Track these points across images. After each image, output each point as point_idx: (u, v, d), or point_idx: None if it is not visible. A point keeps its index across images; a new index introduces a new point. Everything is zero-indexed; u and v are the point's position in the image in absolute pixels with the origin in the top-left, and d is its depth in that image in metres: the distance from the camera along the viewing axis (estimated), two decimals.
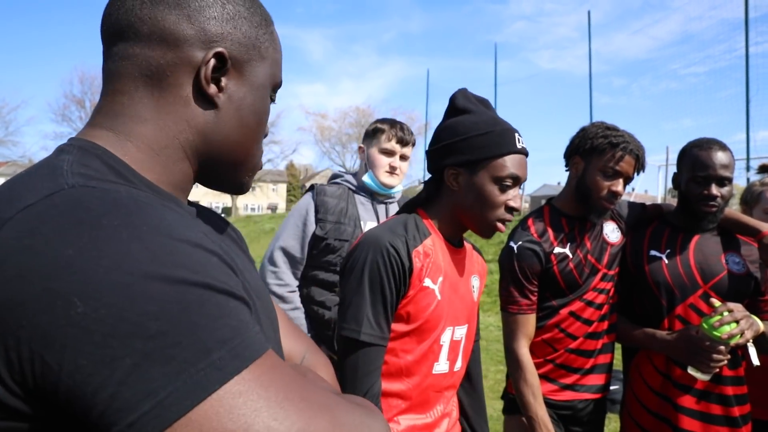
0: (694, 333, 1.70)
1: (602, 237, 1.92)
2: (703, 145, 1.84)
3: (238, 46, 0.69)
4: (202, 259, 0.49)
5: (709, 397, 1.77)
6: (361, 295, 1.24)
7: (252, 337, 0.49)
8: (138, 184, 0.59)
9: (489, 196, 1.30)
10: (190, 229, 0.51)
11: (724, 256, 1.85)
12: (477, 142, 1.30)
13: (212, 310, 0.47)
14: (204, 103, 0.67)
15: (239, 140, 0.71)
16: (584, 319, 1.85)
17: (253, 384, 0.46)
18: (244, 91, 0.70)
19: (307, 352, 0.90)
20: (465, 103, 1.37)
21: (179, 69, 0.65)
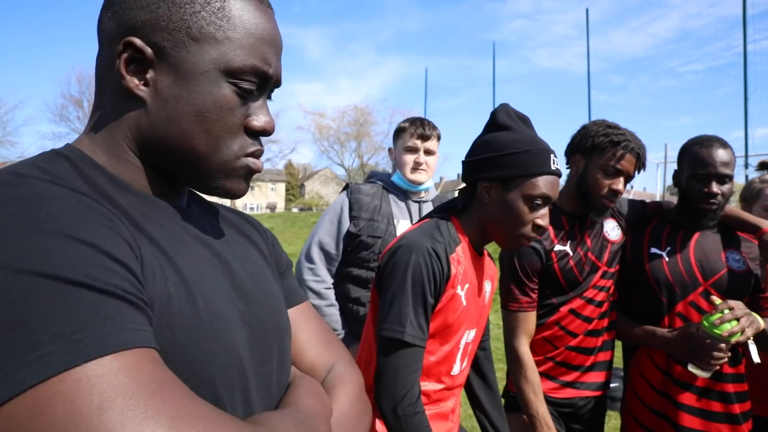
0: (694, 330, 1.70)
1: (602, 235, 1.92)
2: (703, 143, 1.83)
3: (159, 32, 0.63)
4: (65, 250, 0.47)
5: (709, 394, 1.77)
6: (404, 297, 1.25)
7: (104, 334, 0.45)
8: (85, 184, 0.60)
9: (518, 213, 1.34)
10: (74, 222, 0.50)
11: (724, 253, 1.85)
12: (513, 159, 1.33)
13: (56, 302, 0.44)
14: (131, 98, 0.65)
15: (179, 136, 0.65)
16: (584, 316, 1.85)
17: (75, 386, 0.43)
18: (172, 80, 0.64)
19: (338, 364, 0.84)
20: (506, 120, 1.40)
21: (112, 67, 0.65)
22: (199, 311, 0.60)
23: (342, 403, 0.77)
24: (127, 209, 0.62)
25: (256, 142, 0.71)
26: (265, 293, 0.76)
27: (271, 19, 0.70)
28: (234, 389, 0.63)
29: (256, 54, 0.67)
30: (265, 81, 0.69)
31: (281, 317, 0.78)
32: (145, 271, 0.56)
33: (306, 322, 0.87)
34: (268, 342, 0.73)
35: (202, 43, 0.64)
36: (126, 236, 0.55)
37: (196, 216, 0.75)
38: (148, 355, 0.49)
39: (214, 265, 0.69)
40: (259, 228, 0.90)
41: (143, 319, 0.51)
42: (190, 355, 0.58)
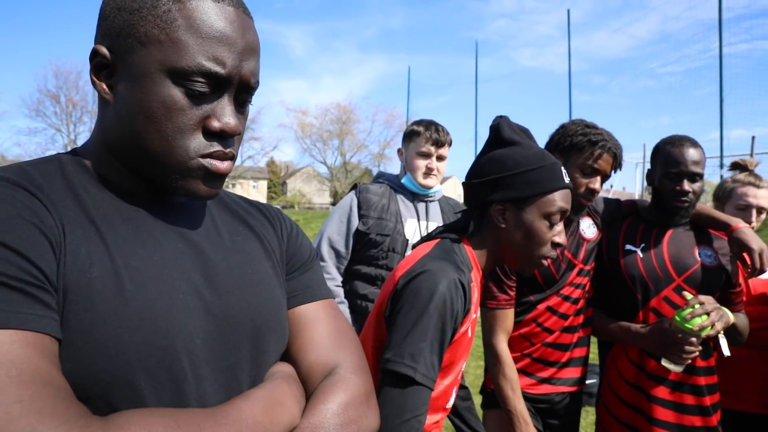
0: (667, 326, 1.74)
1: (579, 233, 1.95)
2: (675, 142, 1.88)
3: (116, 38, 0.68)
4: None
5: (682, 387, 1.81)
6: (423, 329, 1.11)
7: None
8: (61, 180, 0.67)
9: (539, 233, 1.26)
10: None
11: (696, 249, 1.89)
12: (528, 177, 1.26)
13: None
14: (105, 103, 0.71)
15: (133, 137, 0.68)
16: (561, 313, 1.88)
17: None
18: (125, 84, 0.68)
19: (340, 367, 0.78)
20: (511, 134, 1.31)
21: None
22: (125, 298, 0.61)
23: (320, 412, 0.71)
24: (89, 202, 0.66)
25: (215, 143, 0.70)
26: (244, 286, 0.74)
27: (230, 19, 0.69)
28: (160, 378, 0.62)
29: (204, 54, 0.67)
30: (219, 81, 0.68)
31: (262, 312, 0.75)
32: (64, 258, 0.59)
33: (316, 320, 0.83)
34: (237, 336, 0.71)
35: (148, 46, 0.67)
36: (45, 225, 0.59)
37: (190, 209, 0.77)
38: (4, 335, 0.51)
39: (185, 255, 0.70)
40: (274, 220, 0.88)
41: (25, 301, 0.54)
42: (106, 339, 0.59)
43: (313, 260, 0.91)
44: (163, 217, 0.73)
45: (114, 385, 0.59)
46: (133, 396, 0.60)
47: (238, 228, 0.82)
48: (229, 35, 0.68)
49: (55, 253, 0.58)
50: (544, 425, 1.92)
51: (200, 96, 0.68)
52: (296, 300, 0.84)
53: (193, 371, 0.65)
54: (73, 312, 0.58)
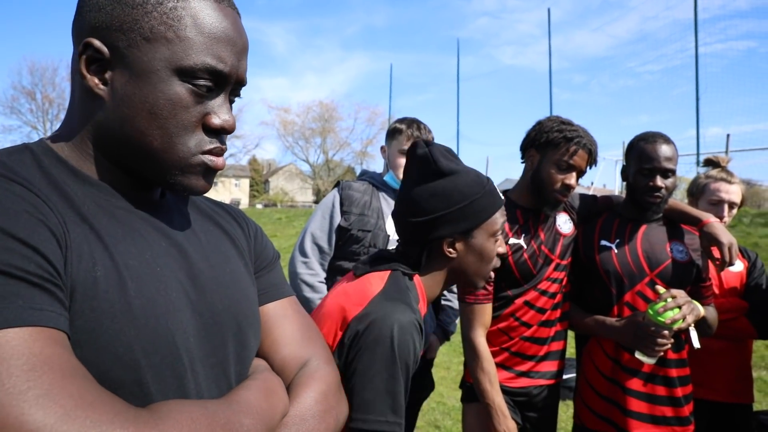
0: (640, 319, 1.78)
1: (555, 228, 1.98)
2: (648, 139, 1.92)
3: (114, 32, 0.66)
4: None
5: (654, 379, 1.86)
6: (385, 379, 1.04)
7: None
8: (39, 174, 0.64)
9: (489, 253, 1.29)
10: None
11: (669, 244, 1.94)
12: (474, 206, 1.24)
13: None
14: (93, 96, 0.68)
15: (134, 133, 0.67)
16: (538, 307, 1.91)
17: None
18: (126, 79, 0.67)
19: (312, 360, 0.83)
20: (448, 164, 1.25)
21: (76, 67, 0.69)
22: (128, 296, 0.62)
23: (304, 401, 0.76)
24: (76, 199, 0.65)
25: (214, 139, 0.72)
26: (224, 285, 0.76)
27: (229, 18, 0.71)
28: (164, 374, 0.64)
29: (209, 53, 0.68)
30: (221, 79, 0.70)
31: (242, 310, 0.78)
32: (70, 255, 0.59)
33: (284, 317, 0.87)
34: (222, 333, 0.73)
35: (154, 42, 0.66)
36: (50, 222, 0.57)
37: (167, 207, 0.77)
38: (41, 333, 0.51)
39: (170, 254, 0.71)
40: (240, 220, 0.90)
41: (48, 299, 0.53)
42: (113, 337, 0.60)
43: (277, 259, 0.95)
44: (143, 214, 0.72)
45: (122, 382, 0.60)
46: (140, 393, 0.61)
47: (209, 227, 0.83)
48: (230, 35, 0.70)
49: (62, 251, 0.57)
50: (522, 418, 1.95)
51: (203, 93, 0.69)
52: (265, 298, 0.87)
53: (191, 367, 0.67)
54: (79, 312, 0.57)
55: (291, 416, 0.73)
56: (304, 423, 0.73)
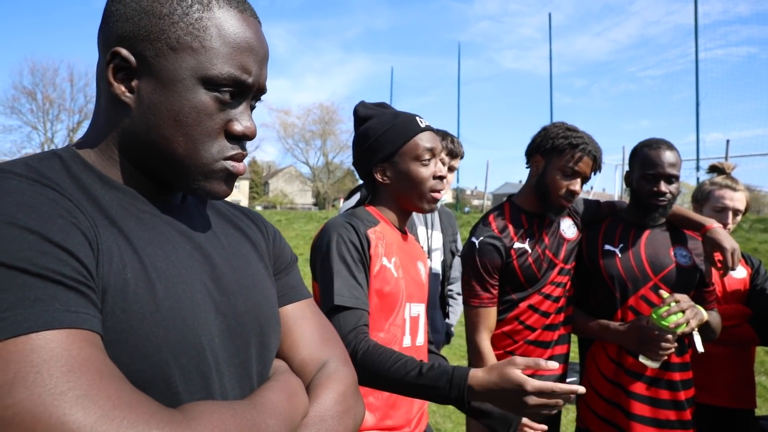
0: (644, 323, 1.80)
1: (559, 233, 2.00)
2: (652, 145, 1.94)
3: (141, 42, 0.68)
4: (5, 236, 0.52)
5: (658, 383, 1.87)
6: (329, 270, 1.35)
7: (31, 314, 0.50)
8: (69, 179, 0.66)
9: (417, 174, 1.48)
10: (24, 212, 0.54)
11: (672, 249, 1.95)
12: (387, 136, 1.49)
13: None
14: (119, 104, 0.70)
15: (159, 140, 0.69)
16: (542, 311, 1.93)
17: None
18: (153, 88, 0.68)
19: (330, 361, 0.85)
20: (365, 112, 1.56)
21: (103, 74, 0.71)
22: (157, 298, 0.63)
23: (324, 402, 0.77)
24: (104, 203, 0.66)
25: (236, 145, 0.74)
26: (247, 287, 0.78)
27: (253, 29, 0.73)
28: (192, 375, 0.65)
29: (233, 63, 0.70)
30: (244, 88, 0.72)
31: (263, 312, 0.79)
32: (101, 258, 0.60)
33: (303, 319, 0.89)
34: (245, 334, 0.75)
35: (180, 52, 0.68)
36: (83, 226, 0.59)
37: (189, 211, 0.79)
38: (77, 335, 0.52)
39: (193, 257, 0.72)
40: (259, 223, 0.92)
41: (82, 302, 0.54)
42: (143, 338, 0.61)
43: (294, 261, 0.97)
44: (167, 218, 0.74)
45: (152, 383, 0.61)
46: (169, 393, 0.62)
47: (230, 230, 0.84)
48: (253, 45, 0.72)
49: (94, 254, 0.59)
50: None
51: (226, 101, 0.71)
52: (284, 299, 0.89)
53: (216, 368, 0.69)
54: (110, 313, 0.59)
55: (311, 417, 0.74)
56: (324, 423, 0.75)
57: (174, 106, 0.68)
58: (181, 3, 0.68)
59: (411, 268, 1.53)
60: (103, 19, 0.72)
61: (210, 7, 0.69)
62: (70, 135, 35.63)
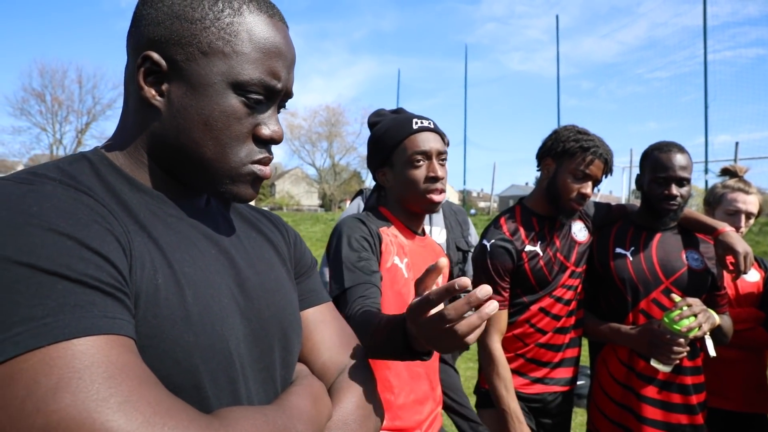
0: (656, 327, 1.79)
1: (570, 236, 2.00)
2: (663, 148, 1.94)
3: (172, 46, 0.68)
4: (45, 242, 0.52)
5: (670, 386, 1.87)
6: (339, 259, 1.38)
7: (71, 320, 0.50)
8: (99, 183, 0.66)
9: (409, 176, 1.49)
10: (61, 217, 0.55)
11: (684, 252, 1.95)
12: (383, 140, 1.53)
13: (29, 288, 0.50)
14: (149, 107, 0.70)
15: (188, 144, 0.70)
16: (553, 314, 1.93)
17: (38, 365, 0.48)
18: (183, 92, 0.69)
19: (350, 366, 0.86)
20: (373, 119, 1.62)
21: (133, 77, 0.71)
22: (187, 303, 0.64)
23: (346, 406, 0.78)
24: (133, 207, 0.67)
25: (263, 150, 0.75)
26: (270, 291, 0.78)
27: (282, 34, 0.73)
28: (220, 380, 0.66)
29: (263, 68, 0.70)
30: (272, 93, 0.73)
31: (286, 316, 0.80)
32: (134, 264, 0.60)
33: (323, 323, 0.89)
34: (269, 338, 0.75)
35: (211, 57, 0.68)
36: (116, 232, 0.59)
37: (213, 215, 0.79)
38: (115, 341, 0.52)
39: (219, 261, 0.72)
40: (280, 227, 0.93)
41: (118, 307, 0.55)
42: (173, 343, 0.61)
43: (315, 265, 0.97)
44: (193, 221, 0.74)
45: (182, 388, 0.61)
46: (198, 398, 0.63)
47: (253, 234, 0.85)
48: (282, 50, 0.73)
49: (127, 259, 0.59)
50: (537, 424, 1.96)
51: (255, 106, 0.72)
52: (304, 303, 0.89)
53: (242, 372, 0.69)
54: (142, 318, 0.59)
55: (334, 421, 0.75)
56: (347, 427, 0.75)
57: (204, 110, 0.69)
58: (213, 8, 0.69)
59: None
60: (133, 22, 0.72)
61: (241, 12, 0.70)
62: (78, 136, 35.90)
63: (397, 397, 1.41)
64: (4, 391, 0.47)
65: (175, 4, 0.69)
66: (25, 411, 0.46)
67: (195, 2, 0.69)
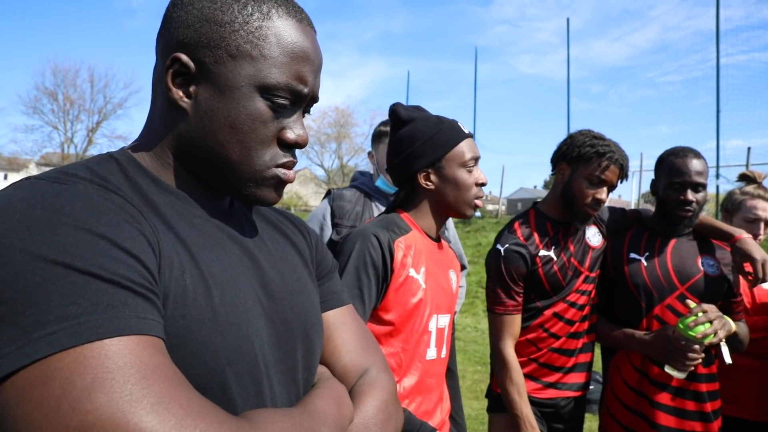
0: (670, 333, 1.78)
1: (584, 240, 1.99)
2: (679, 154, 1.93)
3: (201, 49, 0.68)
4: (79, 242, 0.52)
5: (684, 393, 1.86)
6: (349, 278, 1.35)
7: (104, 320, 0.51)
8: (126, 183, 0.67)
9: (463, 181, 1.48)
10: (94, 217, 0.55)
11: (699, 258, 1.94)
12: (435, 140, 1.48)
13: (64, 288, 0.50)
14: (176, 109, 0.71)
15: (214, 146, 0.70)
16: (567, 319, 1.92)
17: (73, 364, 0.48)
18: (211, 94, 0.69)
19: (371, 369, 0.86)
20: (408, 113, 1.53)
21: (160, 79, 0.72)
22: (214, 304, 0.64)
23: (367, 409, 0.78)
24: (161, 208, 0.67)
25: (288, 153, 0.75)
26: (293, 293, 0.79)
27: (309, 39, 0.74)
28: (245, 381, 0.67)
29: (290, 72, 0.71)
30: (299, 97, 0.73)
31: (309, 318, 0.80)
32: (162, 264, 0.61)
33: (344, 325, 0.89)
34: (292, 340, 0.76)
35: (239, 60, 0.69)
36: (146, 232, 0.60)
37: (237, 216, 0.80)
38: (146, 341, 0.53)
39: (243, 262, 0.73)
40: (302, 229, 0.93)
41: (149, 308, 0.55)
42: (201, 344, 0.62)
43: (335, 268, 0.98)
44: (218, 222, 0.75)
45: (209, 389, 0.61)
46: (224, 398, 0.63)
47: (275, 236, 0.85)
48: (310, 55, 0.73)
49: (156, 259, 0.60)
50: (549, 429, 1.95)
51: (281, 110, 0.72)
52: (325, 306, 0.90)
53: (266, 374, 0.70)
54: (171, 318, 0.60)
55: (355, 424, 0.75)
56: (368, 430, 0.76)
57: (230, 113, 0.69)
58: (242, 11, 0.69)
59: (441, 277, 1.53)
60: (163, 24, 0.73)
61: (270, 16, 0.70)
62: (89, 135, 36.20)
63: (407, 407, 1.40)
64: (40, 390, 0.47)
65: (205, 7, 0.69)
66: (60, 410, 0.47)
67: (225, 6, 0.69)
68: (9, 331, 0.48)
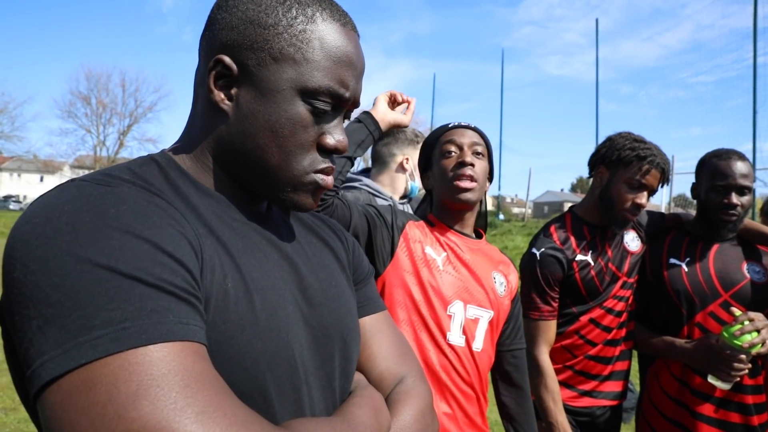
0: (714, 342, 1.72)
1: (623, 245, 1.94)
2: (722, 155, 1.87)
3: (244, 51, 0.68)
4: (123, 245, 0.52)
5: (728, 405, 1.78)
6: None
7: (149, 325, 0.50)
8: (168, 186, 0.67)
9: (440, 167, 1.52)
10: (138, 220, 0.55)
11: (744, 264, 1.87)
12: (423, 146, 1.62)
13: (109, 291, 0.50)
14: (217, 111, 0.70)
15: (253, 149, 0.69)
16: (604, 326, 1.87)
17: (118, 370, 0.48)
18: (252, 97, 0.68)
19: (408, 377, 0.84)
20: None
21: (202, 81, 0.71)
22: (255, 309, 0.63)
23: (404, 418, 0.77)
24: (201, 211, 0.67)
25: (327, 159, 0.74)
26: (332, 298, 0.77)
27: (353, 43, 0.73)
28: (285, 387, 0.66)
29: (333, 76, 0.70)
30: (340, 102, 0.72)
31: (347, 324, 0.79)
32: (204, 268, 0.60)
33: (380, 332, 0.88)
34: (330, 346, 0.74)
35: (282, 63, 0.68)
36: (189, 235, 0.59)
37: (275, 220, 0.79)
38: (189, 348, 0.52)
39: (282, 267, 0.72)
40: (339, 233, 0.92)
41: (192, 313, 0.54)
42: (242, 350, 0.61)
43: (371, 273, 0.96)
44: (257, 227, 0.74)
45: (249, 394, 0.61)
46: (264, 404, 0.62)
47: (313, 240, 0.84)
48: (353, 59, 0.72)
49: (198, 263, 0.59)
50: None
51: (321, 114, 0.71)
52: (362, 311, 0.88)
53: (305, 380, 0.69)
54: (212, 323, 0.59)
55: None
56: None
57: (271, 117, 0.68)
58: (286, 14, 0.68)
59: (478, 270, 1.49)
60: (207, 26, 0.72)
61: (314, 19, 0.69)
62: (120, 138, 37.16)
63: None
64: (86, 395, 0.47)
65: (249, 10, 0.68)
66: (106, 416, 0.46)
67: (269, 8, 0.68)
68: (56, 334, 0.48)
